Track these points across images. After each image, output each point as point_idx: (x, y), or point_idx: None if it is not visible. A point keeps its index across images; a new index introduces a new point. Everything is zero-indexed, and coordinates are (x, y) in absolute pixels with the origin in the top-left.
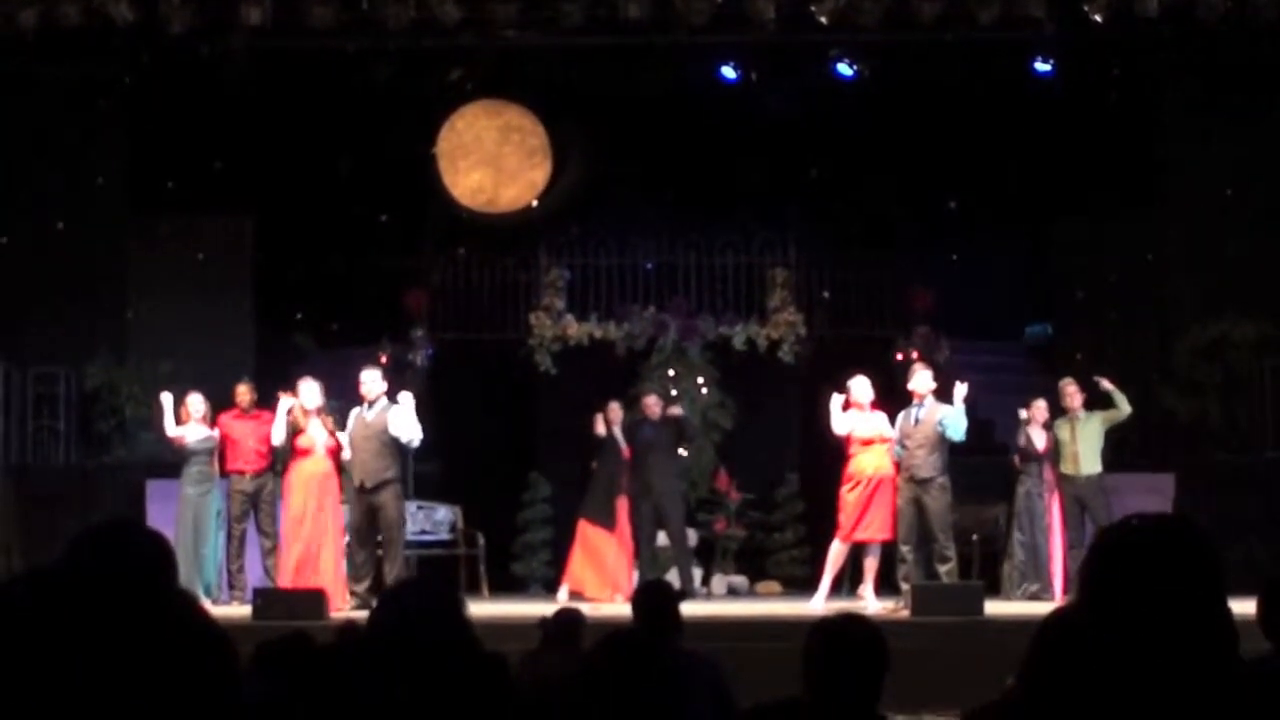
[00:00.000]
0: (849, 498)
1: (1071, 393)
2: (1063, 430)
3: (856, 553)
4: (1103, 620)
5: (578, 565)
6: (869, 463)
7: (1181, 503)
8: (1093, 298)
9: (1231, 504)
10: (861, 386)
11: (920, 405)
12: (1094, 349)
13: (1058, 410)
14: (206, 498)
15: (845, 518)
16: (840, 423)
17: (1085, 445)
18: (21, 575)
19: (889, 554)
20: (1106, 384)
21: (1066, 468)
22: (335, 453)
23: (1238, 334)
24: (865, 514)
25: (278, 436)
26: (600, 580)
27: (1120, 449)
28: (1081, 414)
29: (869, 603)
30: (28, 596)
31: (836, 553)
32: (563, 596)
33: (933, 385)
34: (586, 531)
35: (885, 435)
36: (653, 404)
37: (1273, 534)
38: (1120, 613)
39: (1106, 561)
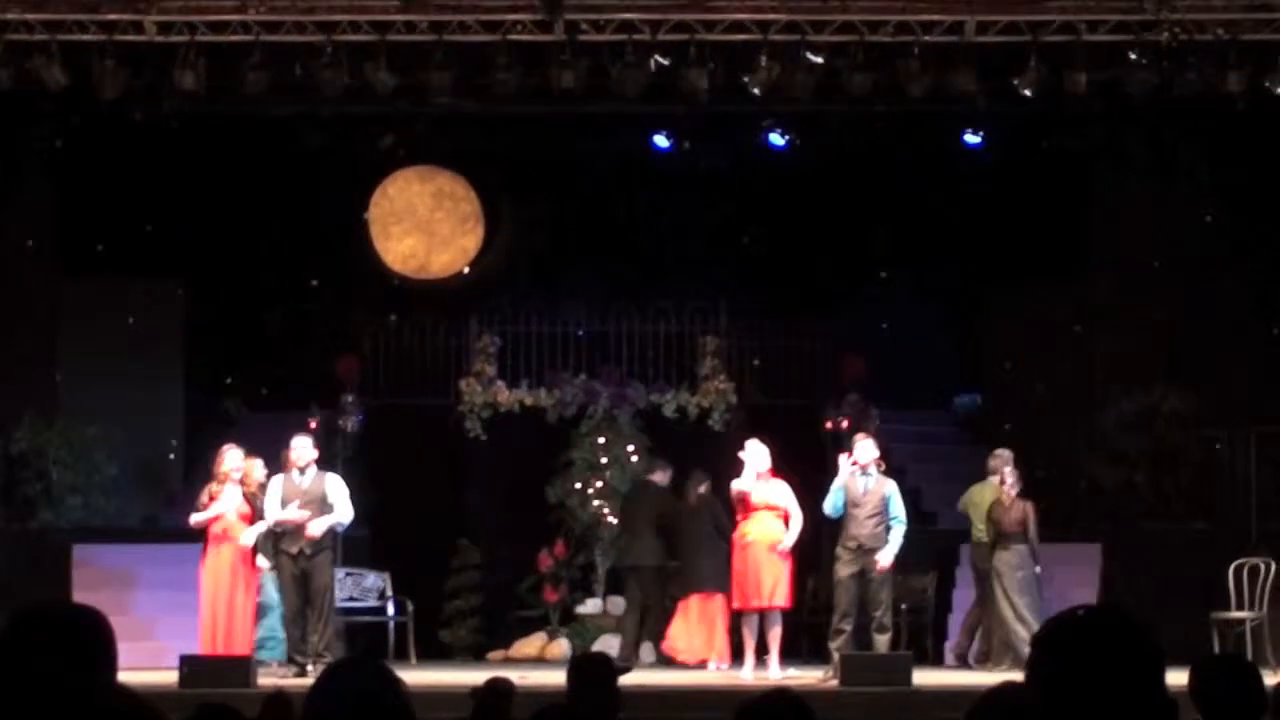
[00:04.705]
0: (736, 565)
1: (1009, 472)
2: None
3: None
4: (1051, 706)
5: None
6: (751, 529)
7: (1109, 572)
8: (1022, 368)
9: (1159, 574)
10: (756, 451)
11: (868, 475)
12: (1023, 419)
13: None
14: None
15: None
16: (744, 482)
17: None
18: None
19: (810, 623)
20: None
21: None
22: (249, 520)
23: (1165, 405)
24: (752, 581)
25: (197, 520)
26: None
27: (1048, 518)
28: (1011, 493)
29: (772, 671)
30: None
31: (743, 624)
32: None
33: (876, 454)
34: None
35: (772, 503)
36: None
37: (1200, 604)
38: (1066, 699)
39: (1053, 651)
